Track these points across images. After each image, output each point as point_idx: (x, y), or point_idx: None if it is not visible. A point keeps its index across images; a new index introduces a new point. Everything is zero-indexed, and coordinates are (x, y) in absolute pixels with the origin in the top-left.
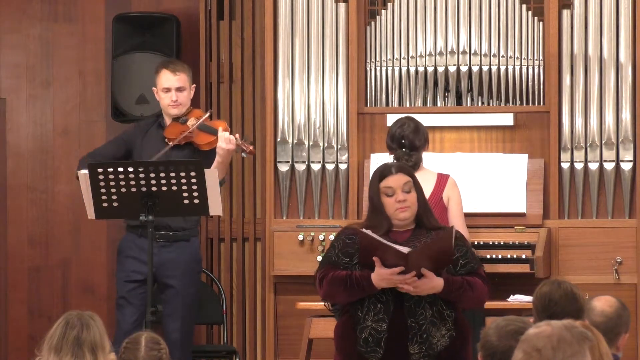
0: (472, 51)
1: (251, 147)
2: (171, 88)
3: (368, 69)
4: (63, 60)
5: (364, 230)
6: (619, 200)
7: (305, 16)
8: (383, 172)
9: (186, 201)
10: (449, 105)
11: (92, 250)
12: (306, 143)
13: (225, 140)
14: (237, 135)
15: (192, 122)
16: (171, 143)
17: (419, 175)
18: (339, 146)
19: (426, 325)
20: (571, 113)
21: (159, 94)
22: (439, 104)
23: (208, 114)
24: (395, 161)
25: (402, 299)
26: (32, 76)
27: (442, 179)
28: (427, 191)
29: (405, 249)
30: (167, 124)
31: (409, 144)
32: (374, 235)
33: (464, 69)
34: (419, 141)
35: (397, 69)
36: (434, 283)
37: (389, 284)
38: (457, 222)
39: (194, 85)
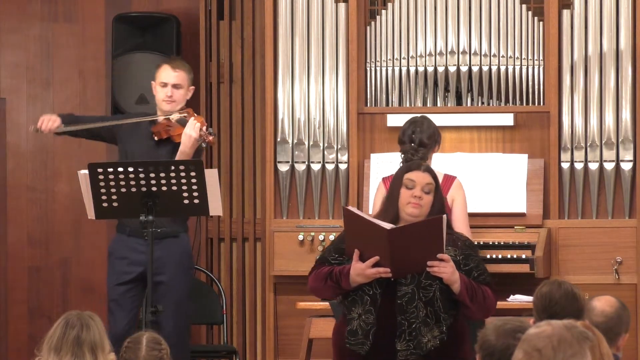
0: (472, 51)
1: (210, 138)
2: (168, 83)
3: (368, 69)
4: (63, 60)
5: (348, 207)
6: (619, 200)
7: (305, 16)
8: (412, 165)
9: (186, 201)
10: (449, 105)
11: (92, 250)
12: (306, 143)
13: (190, 125)
14: (203, 127)
15: (175, 116)
16: (156, 138)
17: None
18: (339, 146)
19: (417, 324)
20: (571, 113)
21: (155, 88)
22: (439, 104)
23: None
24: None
25: (394, 295)
26: (32, 76)
27: (448, 180)
28: None
29: (388, 225)
30: (159, 121)
31: (418, 140)
32: (358, 212)
33: (464, 69)
34: (428, 139)
35: (397, 69)
36: (455, 270)
37: (365, 278)
38: (460, 224)
39: (193, 87)
